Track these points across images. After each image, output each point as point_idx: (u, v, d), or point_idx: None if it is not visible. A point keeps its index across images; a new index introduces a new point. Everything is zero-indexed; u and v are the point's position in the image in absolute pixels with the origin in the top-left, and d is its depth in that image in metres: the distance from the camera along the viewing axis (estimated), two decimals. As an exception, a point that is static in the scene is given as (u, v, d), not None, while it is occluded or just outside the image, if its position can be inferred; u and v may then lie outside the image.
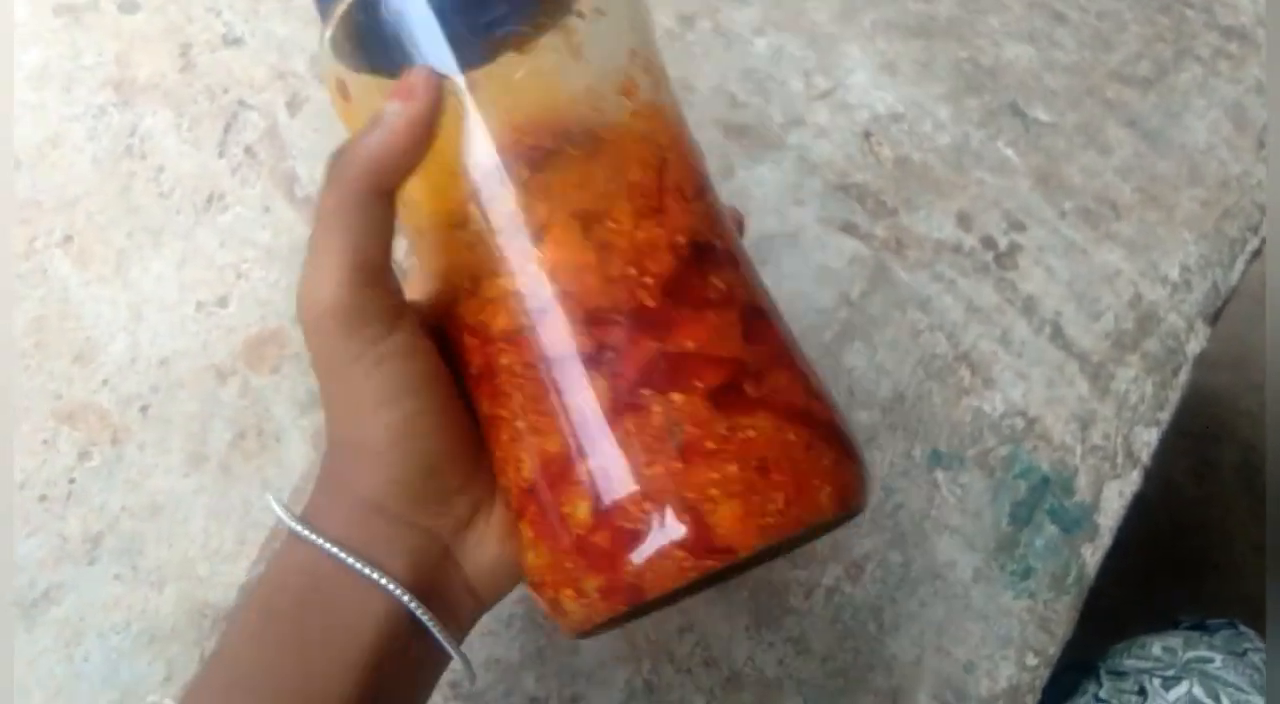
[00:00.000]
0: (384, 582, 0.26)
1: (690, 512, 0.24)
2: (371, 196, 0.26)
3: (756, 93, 0.52)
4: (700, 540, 0.24)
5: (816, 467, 0.26)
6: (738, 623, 0.39)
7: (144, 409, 0.39)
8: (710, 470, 0.24)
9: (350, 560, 0.26)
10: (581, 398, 0.25)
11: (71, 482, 0.38)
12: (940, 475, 0.42)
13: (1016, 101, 0.54)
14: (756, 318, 0.27)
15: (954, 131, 0.53)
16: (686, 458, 0.24)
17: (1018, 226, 0.50)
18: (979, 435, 0.43)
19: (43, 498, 0.37)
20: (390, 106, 0.26)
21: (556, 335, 0.25)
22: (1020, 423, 0.44)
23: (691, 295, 0.26)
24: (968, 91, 0.54)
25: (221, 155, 0.45)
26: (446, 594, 0.27)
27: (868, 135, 0.52)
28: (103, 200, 0.44)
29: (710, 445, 0.24)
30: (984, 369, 0.45)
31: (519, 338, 0.26)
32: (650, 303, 0.25)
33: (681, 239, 0.26)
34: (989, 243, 0.49)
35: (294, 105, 0.47)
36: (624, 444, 0.24)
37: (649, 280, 0.26)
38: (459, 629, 0.28)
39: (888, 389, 0.44)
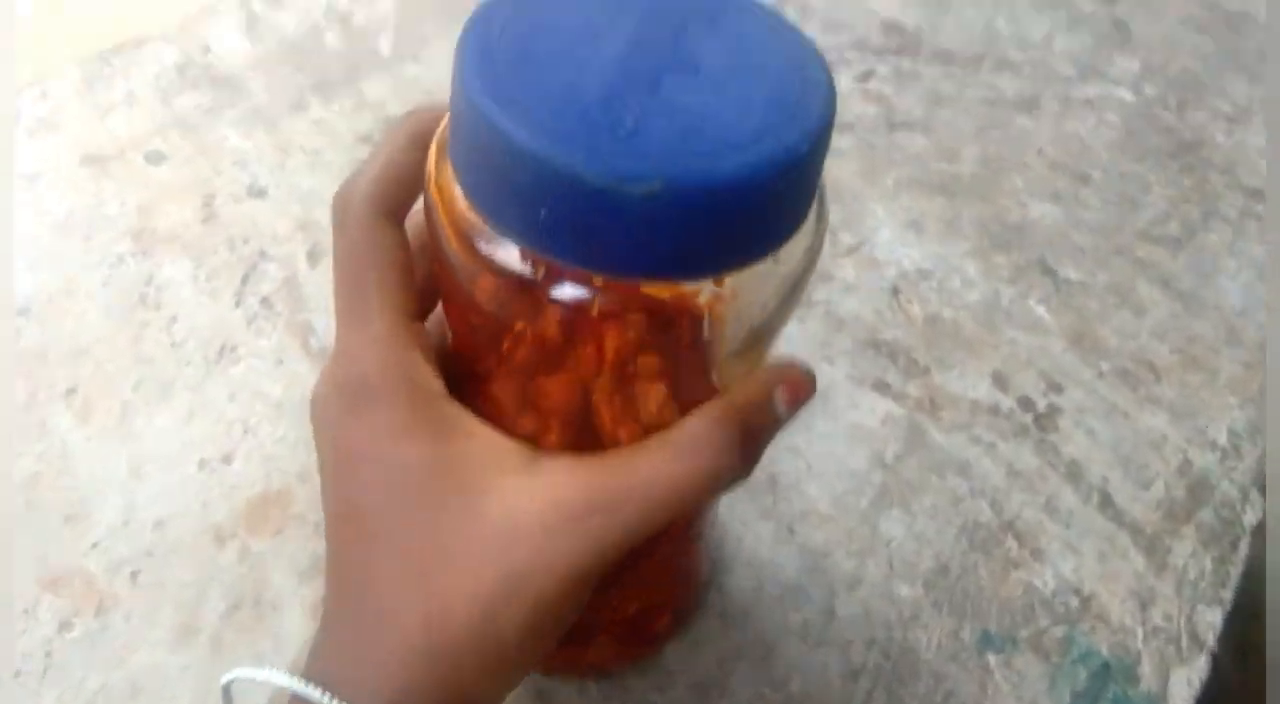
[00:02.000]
0: None
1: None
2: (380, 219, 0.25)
3: (782, 249, 0.51)
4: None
5: None
6: (774, 825, 0.36)
7: (134, 575, 0.37)
8: None
9: None
10: None
11: (48, 655, 0.35)
12: (993, 659, 0.39)
13: (1045, 259, 0.54)
14: None
15: (984, 288, 0.52)
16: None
17: (1055, 388, 0.48)
18: (1031, 614, 0.40)
19: (17, 674, 0.34)
20: None
21: None
22: (1075, 601, 0.41)
23: None
24: (995, 249, 0.54)
25: (238, 305, 0.44)
26: None
27: (896, 292, 0.51)
28: (111, 351, 0.42)
29: None
30: (1031, 540, 0.42)
31: None
32: None
33: None
34: (1027, 404, 0.47)
35: (314, 256, 0.47)
36: None
37: None
38: None
39: (930, 561, 0.41)
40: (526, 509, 0.24)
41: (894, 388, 0.47)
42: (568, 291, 0.22)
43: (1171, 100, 0.64)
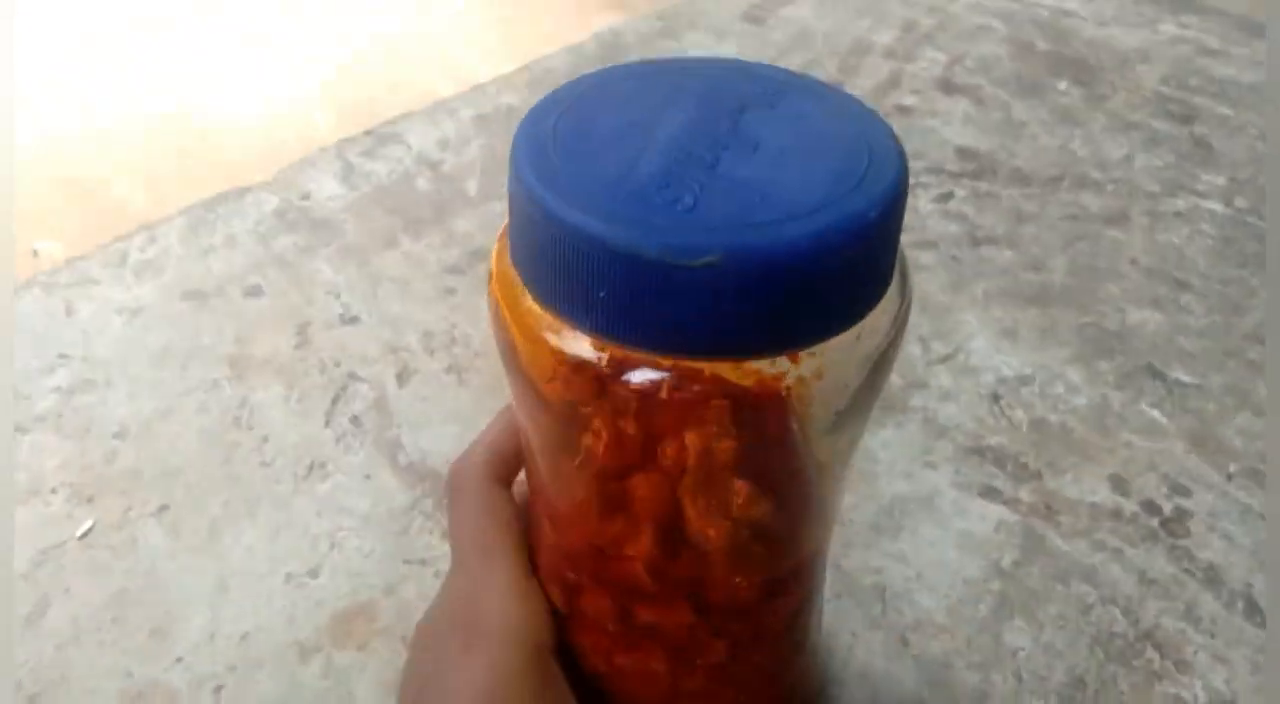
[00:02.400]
0: None
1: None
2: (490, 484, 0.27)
3: (874, 359, 0.50)
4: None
5: None
6: None
7: (218, 689, 0.35)
8: None
9: None
10: None
11: (127, 775, 0.33)
12: (1144, 780, 0.35)
13: (1153, 364, 0.51)
14: None
15: (1090, 394, 0.49)
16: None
17: (1181, 491, 0.45)
18: (1183, 730, 0.36)
19: (93, 795, 0.33)
20: None
21: None
22: (1231, 715, 0.36)
23: None
24: (1097, 355, 0.52)
25: (328, 425, 0.44)
26: None
27: (996, 398, 0.49)
28: (204, 471, 0.42)
29: None
30: (1173, 650, 0.39)
31: None
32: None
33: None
34: (1151, 508, 0.44)
35: (403, 376, 0.47)
36: None
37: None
38: None
39: (1063, 673, 0.38)
40: None
41: (1004, 494, 0.44)
42: (638, 376, 0.21)
43: (1264, 210, 0.63)
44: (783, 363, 0.21)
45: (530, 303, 0.22)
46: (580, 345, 0.21)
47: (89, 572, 0.38)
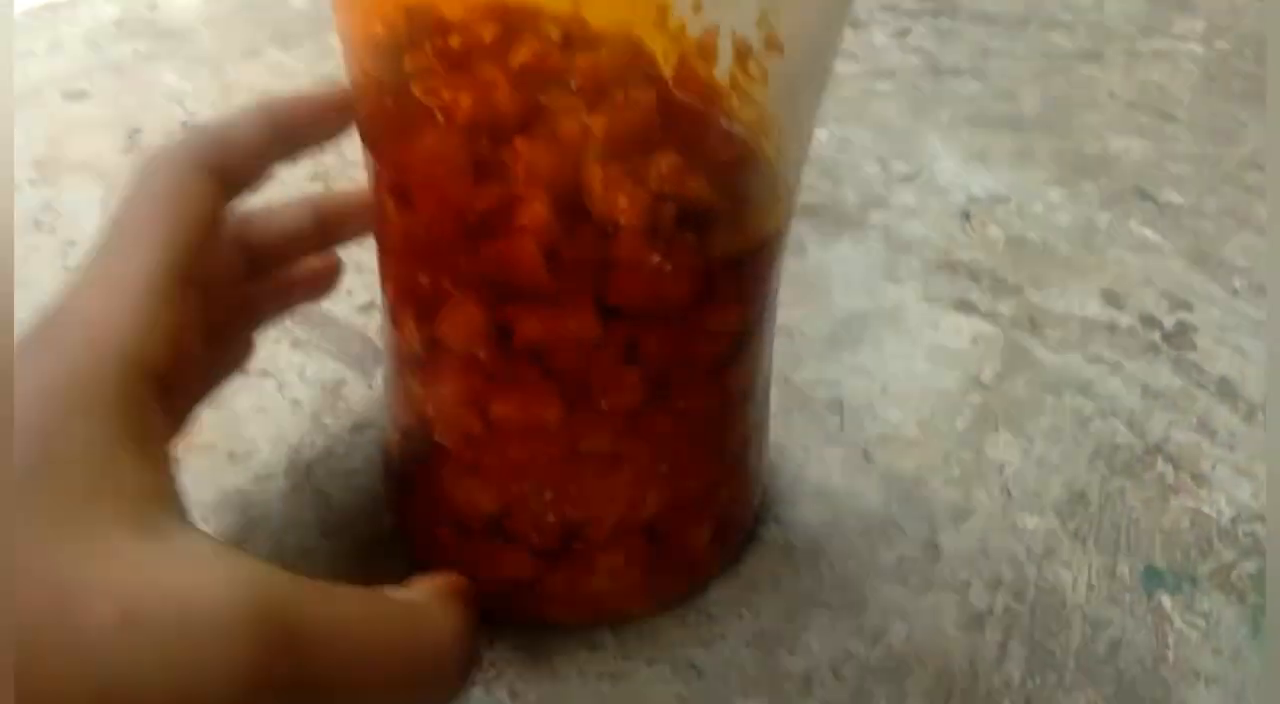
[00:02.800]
0: None
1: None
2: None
3: (824, 177, 0.43)
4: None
5: None
6: None
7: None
8: None
9: None
10: None
11: None
12: (1167, 601, 0.27)
13: (1142, 186, 0.45)
14: None
15: (1074, 212, 0.42)
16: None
17: (1182, 305, 0.38)
18: (1208, 547, 0.29)
19: None
20: None
21: None
22: (1261, 530, 0.30)
23: None
24: (1078, 177, 0.45)
25: (155, 229, 0.36)
26: None
27: (967, 215, 0.42)
28: (-10, 275, 0.34)
29: None
30: (1189, 463, 0.32)
31: None
32: None
33: None
34: (1150, 322, 0.37)
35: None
36: None
37: None
38: None
39: (1060, 488, 0.30)
40: (163, 597, 0.15)
41: (981, 307, 0.37)
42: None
43: (1249, 53, 0.57)
44: None
45: None
46: None
47: None
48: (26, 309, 0.18)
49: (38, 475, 0.16)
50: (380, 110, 0.20)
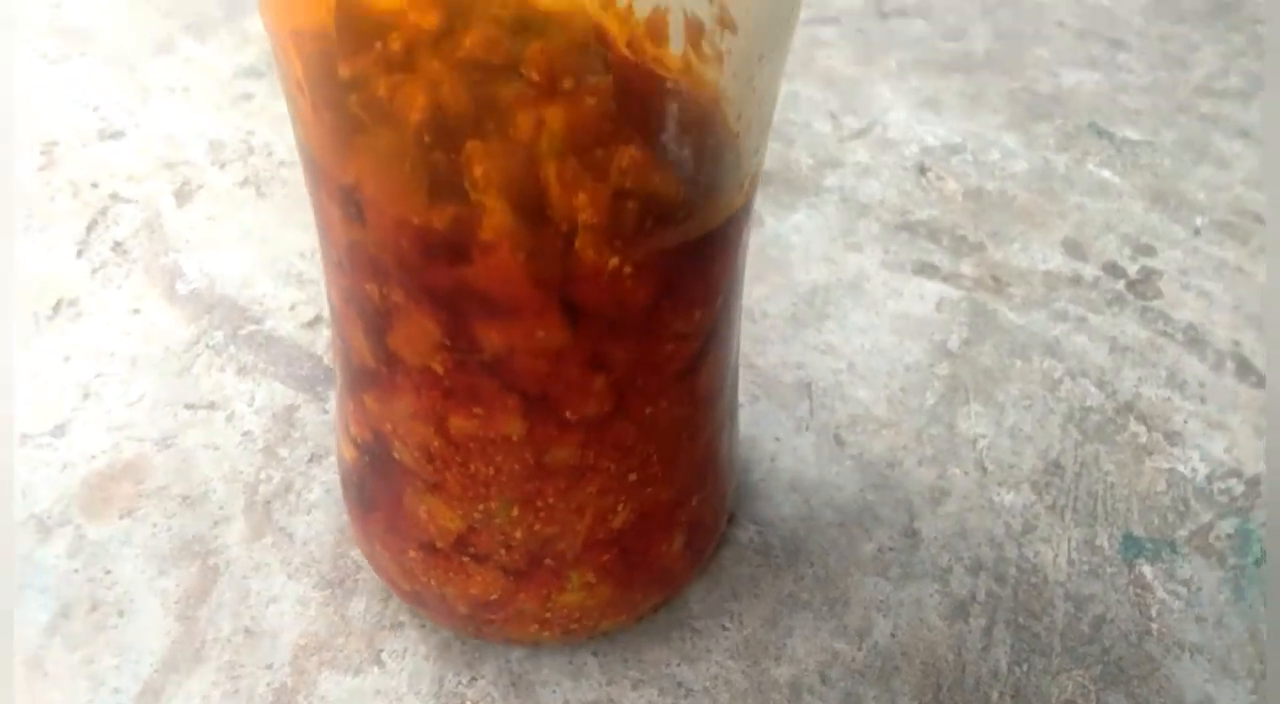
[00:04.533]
0: None
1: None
2: None
3: (776, 139, 0.42)
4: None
5: None
6: None
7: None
8: None
9: None
10: None
11: None
12: (1148, 570, 0.27)
13: (1096, 123, 0.44)
14: None
15: (1030, 158, 0.42)
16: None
17: (1145, 251, 0.38)
18: (1185, 509, 0.29)
19: None
20: None
21: None
22: (1238, 486, 0.30)
23: None
24: (1033, 118, 0.44)
25: (80, 255, 0.34)
26: None
27: (923, 169, 0.41)
28: (-92, 320, 0.32)
29: None
30: (1160, 421, 0.31)
31: None
32: None
33: None
34: (1115, 270, 0.37)
35: (183, 194, 0.36)
36: None
37: None
38: None
39: (1034, 458, 0.30)
40: None
41: (943, 269, 0.36)
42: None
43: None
44: None
45: None
46: None
47: None
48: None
49: None
50: (319, 121, 0.19)
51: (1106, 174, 0.41)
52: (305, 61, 0.19)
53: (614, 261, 0.19)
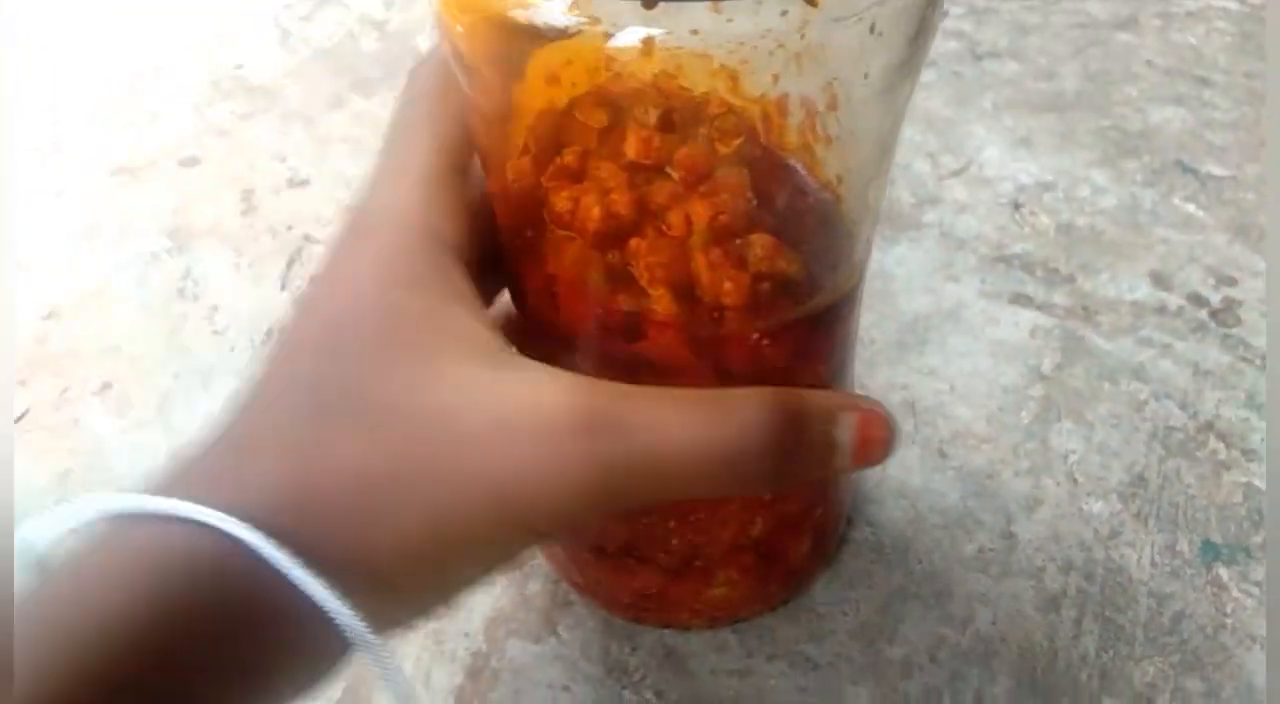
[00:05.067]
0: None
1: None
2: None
3: (878, 178, 0.46)
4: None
5: None
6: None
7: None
8: None
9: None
10: None
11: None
12: (1224, 573, 0.31)
13: (1182, 160, 0.47)
14: None
15: (1118, 194, 0.45)
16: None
17: (1227, 281, 0.41)
18: (1259, 519, 0.32)
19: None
20: None
21: None
22: (1310, 499, 0.33)
23: None
24: (1121, 155, 0.47)
25: (284, 288, 0.40)
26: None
27: (1017, 206, 0.44)
28: (148, 345, 0.38)
29: None
30: (1238, 440, 0.35)
31: None
32: None
33: None
34: (1198, 300, 0.40)
35: (362, 234, 0.42)
36: None
37: None
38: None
39: (1121, 472, 0.34)
40: (518, 408, 0.19)
41: (1037, 299, 0.40)
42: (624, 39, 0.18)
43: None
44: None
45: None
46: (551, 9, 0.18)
47: (27, 456, 0.34)
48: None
49: (390, 340, 0.20)
50: (519, 232, 0.24)
51: (1191, 208, 0.44)
52: (513, 180, 0.23)
53: (754, 335, 0.23)
